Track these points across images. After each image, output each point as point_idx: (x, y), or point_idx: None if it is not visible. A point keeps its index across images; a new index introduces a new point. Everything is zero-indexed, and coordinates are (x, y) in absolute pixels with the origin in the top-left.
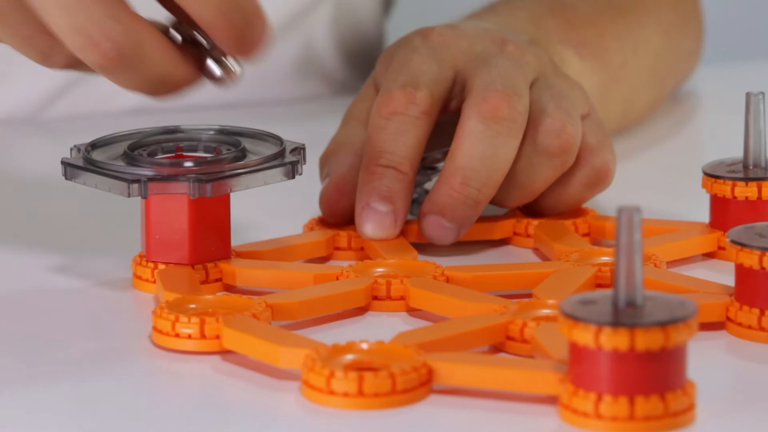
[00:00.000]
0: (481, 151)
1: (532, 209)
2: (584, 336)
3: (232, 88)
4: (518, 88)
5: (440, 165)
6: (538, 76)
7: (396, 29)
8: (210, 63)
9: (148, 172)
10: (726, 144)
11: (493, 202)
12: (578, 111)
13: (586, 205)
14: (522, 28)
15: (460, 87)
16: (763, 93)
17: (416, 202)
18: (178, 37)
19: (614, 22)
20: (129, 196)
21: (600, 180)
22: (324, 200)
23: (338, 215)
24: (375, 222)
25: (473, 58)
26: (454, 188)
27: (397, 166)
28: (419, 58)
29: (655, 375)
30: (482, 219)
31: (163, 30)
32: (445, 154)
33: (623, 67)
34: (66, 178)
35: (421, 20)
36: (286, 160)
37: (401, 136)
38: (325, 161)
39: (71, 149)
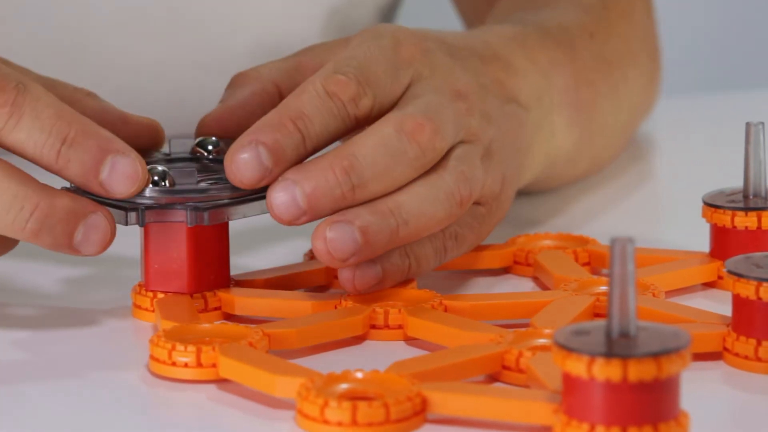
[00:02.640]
0: (381, 154)
1: None
2: (577, 366)
3: None
4: (447, 132)
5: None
6: (467, 140)
7: None
8: None
9: (145, 200)
10: (727, 174)
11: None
12: (478, 186)
13: (587, 234)
14: (532, 79)
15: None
16: (762, 123)
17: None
18: None
19: (606, 78)
20: (126, 224)
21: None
22: (206, 123)
23: (210, 134)
24: (251, 162)
25: (428, 92)
26: (335, 168)
27: (306, 139)
28: (388, 66)
29: (648, 406)
30: (482, 248)
31: None
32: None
33: (603, 129)
34: None
35: None
36: None
37: (329, 119)
38: (228, 86)
39: None
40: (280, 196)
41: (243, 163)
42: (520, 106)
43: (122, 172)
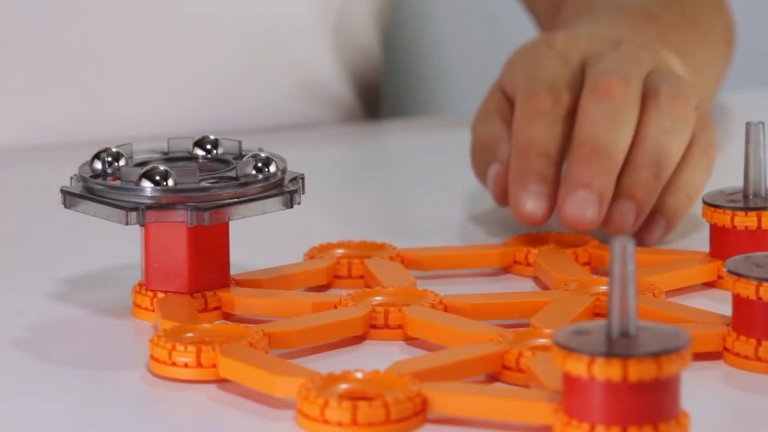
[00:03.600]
0: (603, 123)
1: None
2: (577, 366)
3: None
4: (630, 75)
5: None
6: (653, 68)
7: (396, 54)
8: None
9: (146, 200)
10: (727, 174)
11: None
12: (693, 94)
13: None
14: (625, 35)
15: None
16: (762, 123)
17: None
18: None
19: (693, 30)
20: (127, 224)
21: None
22: (498, 184)
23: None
24: (534, 201)
25: (593, 56)
26: (588, 157)
27: (549, 155)
28: (553, 64)
29: (648, 406)
30: (482, 247)
31: None
32: None
33: (702, 73)
34: (65, 207)
35: (419, 48)
36: (285, 189)
37: (550, 129)
38: (481, 151)
39: (71, 178)
40: (575, 208)
41: (529, 207)
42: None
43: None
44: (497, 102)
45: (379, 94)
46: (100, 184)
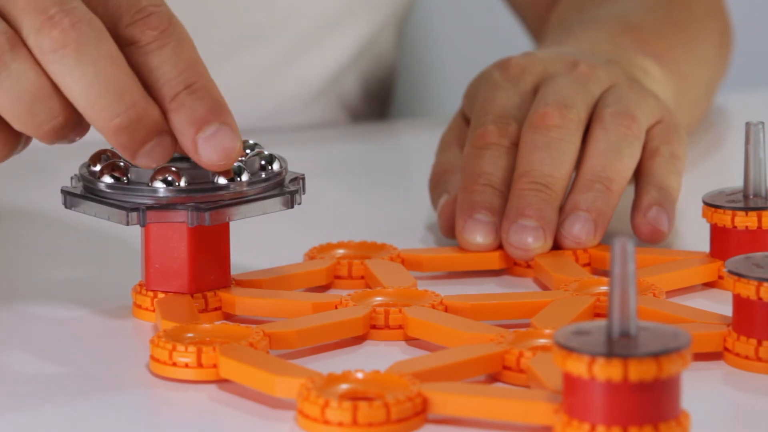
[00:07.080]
0: (539, 156)
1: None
2: (578, 366)
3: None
4: (570, 101)
5: None
6: (609, 87)
7: (408, 57)
8: None
9: (147, 200)
10: (727, 174)
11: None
12: (643, 111)
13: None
14: (600, 48)
15: None
16: (762, 123)
17: None
18: None
19: (677, 35)
20: (127, 224)
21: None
22: (444, 216)
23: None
24: (482, 231)
25: (545, 79)
26: (526, 189)
27: (495, 185)
28: (503, 93)
29: (649, 406)
30: (483, 247)
31: None
32: None
33: (688, 78)
34: (65, 207)
35: (433, 49)
36: (285, 189)
37: (497, 160)
38: (437, 181)
39: (71, 178)
40: (519, 238)
41: (474, 236)
42: (610, 62)
43: (220, 141)
44: (458, 130)
45: (390, 95)
46: (102, 183)
